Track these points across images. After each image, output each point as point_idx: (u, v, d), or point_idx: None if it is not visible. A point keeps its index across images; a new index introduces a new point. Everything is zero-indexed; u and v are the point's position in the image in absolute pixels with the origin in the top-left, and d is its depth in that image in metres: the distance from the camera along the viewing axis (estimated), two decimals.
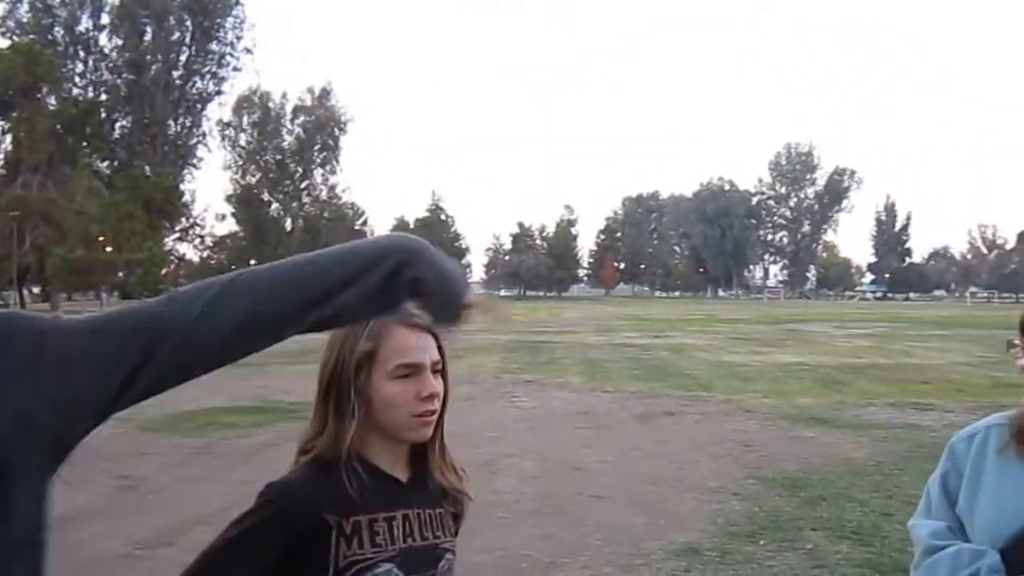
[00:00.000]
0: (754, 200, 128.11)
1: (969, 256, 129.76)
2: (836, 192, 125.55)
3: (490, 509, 6.40)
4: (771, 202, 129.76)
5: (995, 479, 1.44)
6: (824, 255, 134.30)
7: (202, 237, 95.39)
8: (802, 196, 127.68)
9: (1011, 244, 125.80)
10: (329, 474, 1.36)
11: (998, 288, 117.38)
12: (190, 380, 0.99)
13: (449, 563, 1.45)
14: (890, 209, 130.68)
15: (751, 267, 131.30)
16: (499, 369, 17.02)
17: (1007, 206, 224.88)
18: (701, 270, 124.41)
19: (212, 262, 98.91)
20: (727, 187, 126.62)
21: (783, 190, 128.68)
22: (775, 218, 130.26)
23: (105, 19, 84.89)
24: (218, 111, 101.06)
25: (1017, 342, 1.52)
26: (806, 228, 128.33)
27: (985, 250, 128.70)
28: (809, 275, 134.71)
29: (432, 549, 1.41)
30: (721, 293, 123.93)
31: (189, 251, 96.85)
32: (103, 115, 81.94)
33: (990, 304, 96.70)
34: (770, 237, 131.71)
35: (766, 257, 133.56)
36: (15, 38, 76.91)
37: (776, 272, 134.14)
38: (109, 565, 5.21)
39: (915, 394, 12.98)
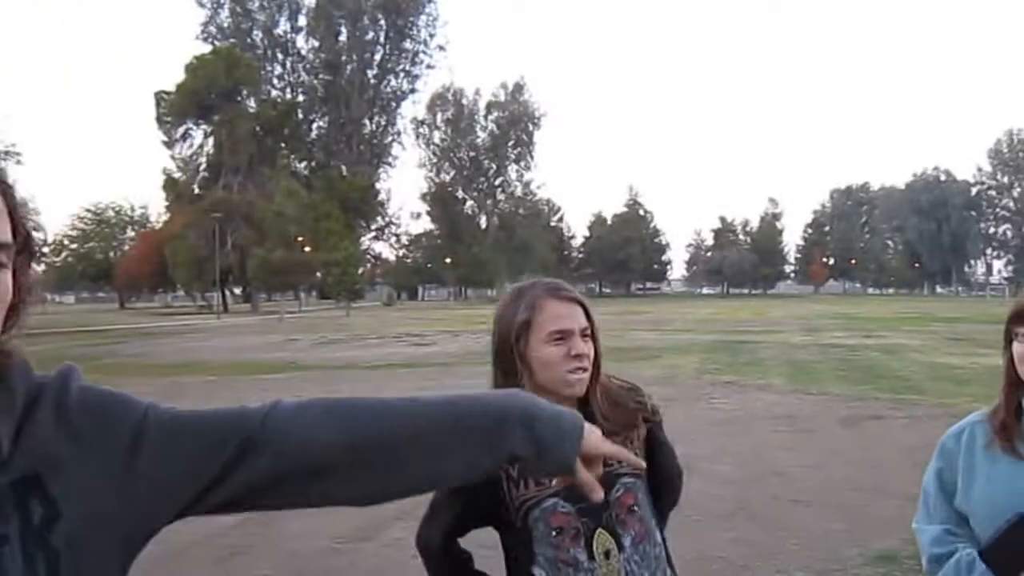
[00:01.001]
0: (973, 191, 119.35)
1: None
2: None
3: (683, 511, 6.56)
4: (992, 192, 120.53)
5: (986, 473, 1.61)
6: None
7: (397, 236, 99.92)
8: None
9: None
10: None
11: None
12: (286, 497, 0.99)
13: (626, 487, 1.72)
14: None
15: (971, 262, 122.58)
16: (698, 370, 16.97)
17: None
18: (916, 265, 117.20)
19: (408, 260, 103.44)
20: (943, 177, 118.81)
21: (1005, 179, 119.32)
22: (997, 210, 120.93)
23: (302, 21, 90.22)
24: (412, 109, 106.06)
25: (1019, 331, 1.64)
26: None
27: None
28: None
29: (605, 476, 1.56)
30: (939, 290, 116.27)
31: (385, 250, 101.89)
32: (300, 116, 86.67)
33: None
34: (992, 230, 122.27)
35: (988, 252, 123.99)
36: (216, 43, 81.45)
37: (1000, 268, 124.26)
38: (314, 559, 5.69)
39: None
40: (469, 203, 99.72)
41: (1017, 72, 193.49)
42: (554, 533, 1.68)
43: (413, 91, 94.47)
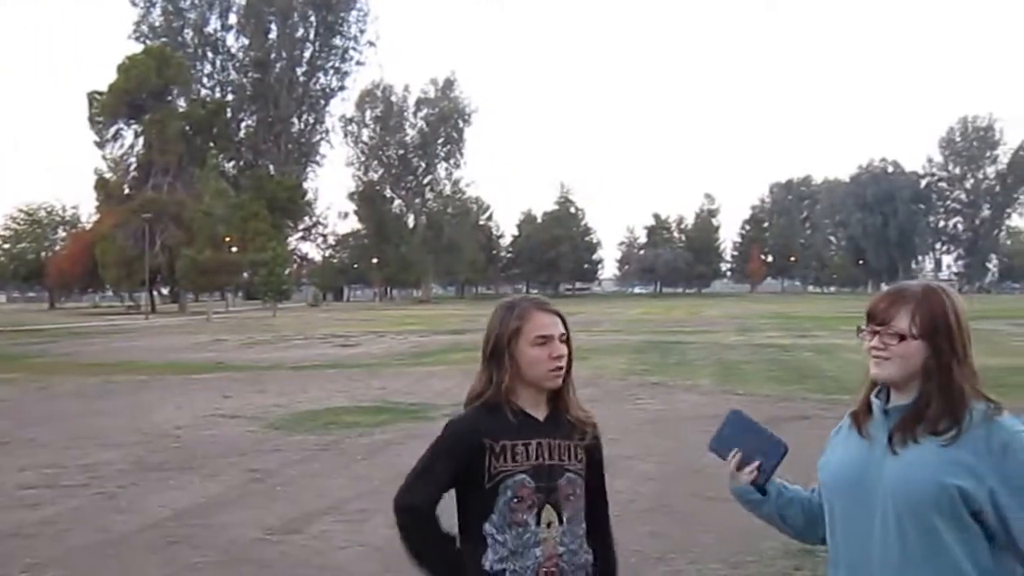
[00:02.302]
0: (922, 183, 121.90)
1: None
2: (1022, 171, 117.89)
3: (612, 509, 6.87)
4: (943, 184, 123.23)
5: (839, 448, 1.99)
6: (1008, 243, 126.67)
7: (324, 236, 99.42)
8: (980, 177, 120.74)
9: None
10: (490, 412, 2.22)
11: None
12: None
13: (569, 479, 2.22)
14: None
15: (919, 258, 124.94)
16: (625, 371, 17.37)
17: None
18: (860, 262, 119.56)
19: (334, 261, 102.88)
20: (890, 169, 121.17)
21: (957, 171, 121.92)
22: (948, 202, 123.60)
23: (233, 19, 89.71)
24: (341, 107, 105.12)
25: (864, 329, 1.90)
26: (985, 213, 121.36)
27: None
28: (990, 266, 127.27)
29: (558, 467, 2.20)
30: (884, 287, 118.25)
31: (311, 250, 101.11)
32: (229, 115, 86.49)
33: None
34: (942, 224, 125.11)
35: (937, 247, 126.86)
36: (148, 42, 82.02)
37: (949, 263, 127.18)
38: (246, 548, 6.02)
39: None
40: (397, 202, 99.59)
41: (970, 60, 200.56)
42: (515, 500, 2.17)
43: (342, 88, 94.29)
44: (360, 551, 5.87)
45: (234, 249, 69.18)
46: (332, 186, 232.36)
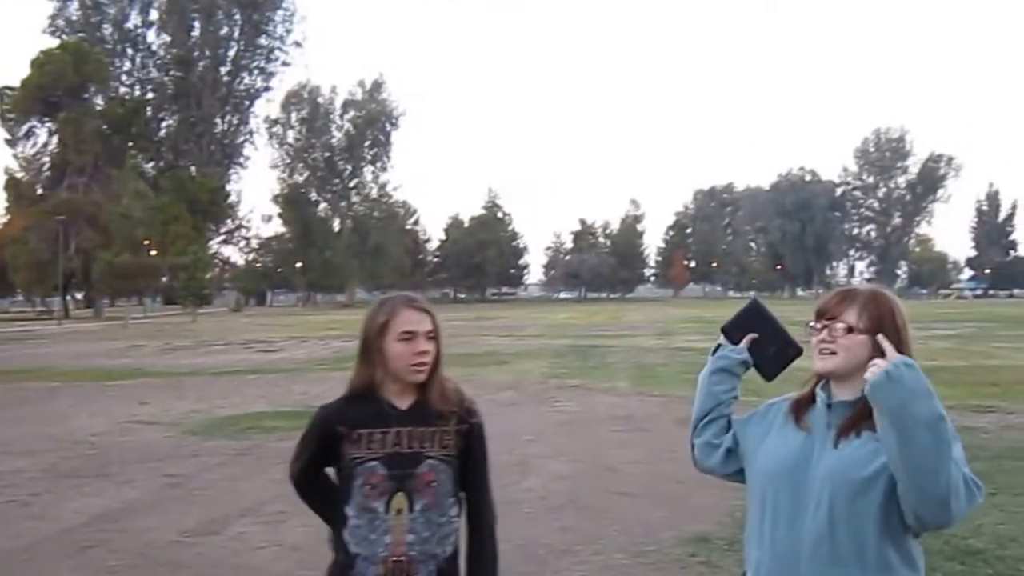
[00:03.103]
0: (838, 191, 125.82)
1: None
2: (931, 181, 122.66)
3: (517, 506, 7.10)
4: (857, 193, 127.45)
5: (777, 432, 2.11)
6: (917, 250, 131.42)
7: (247, 239, 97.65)
8: (892, 186, 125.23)
9: None
10: (354, 402, 2.35)
11: None
12: None
13: (431, 467, 2.31)
14: (992, 198, 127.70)
15: (834, 264, 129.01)
16: (546, 374, 17.63)
17: None
18: (779, 268, 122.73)
19: (257, 265, 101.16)
20: (808, 178, 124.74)
21: (871, 180, 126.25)
22: (862, 210, 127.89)
23: (154, 15, 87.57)
24: (266, 108, 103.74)
25: (813, 324, 2.05)
26: (896, 220, 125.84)
27: None
28: (900, 272, 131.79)
29: (417, 455, 2.31)
30: (800, 292, 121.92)
31: (234, 254, 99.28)
32: (149, 114, 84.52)
33: None
34: (856, 231, 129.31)
35: (851, 253, 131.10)
36: (64, 36, 79.32)
37: (863, 269, 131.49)
38: (162, 550, 6.08)
39: (980, 396, 13.23)
40: (323, 205, 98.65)
41: (884, 72, 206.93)
42: (368, 487, 2.28)
43: (267, 89, 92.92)
44: (277, 550, 5.98)
45: (153, 252, 67.71)
46: (256, 188, 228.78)
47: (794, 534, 1.96)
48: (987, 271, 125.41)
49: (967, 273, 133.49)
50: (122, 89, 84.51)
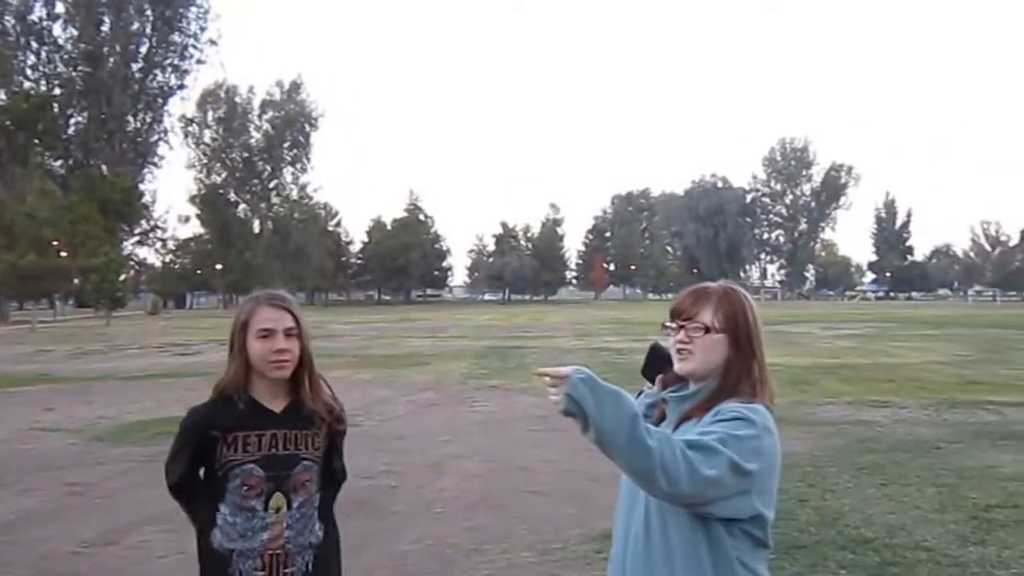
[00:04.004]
0: (748, 197, 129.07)
1: (972, 254, 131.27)
2: (833, 189, 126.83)
3: (429, 506, 7.09)
4: (766, 199, 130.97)
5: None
6: (822, 254, 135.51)
7: (163, 240, 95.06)
8: (798, 193, 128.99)
9: (1015, 241, 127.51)
10: (225, 403, 2.35)
11: (1002, 286, 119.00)
12: None
13: (305, 467, 2.37)
14: (890, 206, 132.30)
15: (747, 267, 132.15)
16: (465, 375, 17.62)
17: (1011, 203, 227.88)
18: (695, 271, 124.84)
19: (175, 267, 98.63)
20: (720, 184, 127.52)
21: (778, 187, 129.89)
22: (771, 216, 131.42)
23: (60, 7, 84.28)
24: (181, 106, 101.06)
25: (669, 324, 2.04)
26: (803, 226, 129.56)
27: (988, 248, 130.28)
28: (808, 275, 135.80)
29: (292, 457, 2.35)
30: None
31: (150, 255, 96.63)
32: (56, 110, 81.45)
33: (993, 303, 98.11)
34: (766, 236, 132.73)
35: (762, 256, 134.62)
36: None
37: (773, 272, 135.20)
38: (58, 561, 5.81)
39: (877, 392, 13.71)
40: (242, 206, 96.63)
41: (791, 82, 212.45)
42: (245, 488, 2.31)
43: (182, 87, 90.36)
44: (179, 559, 5.78)
45: (63, 254, 65.11)
46: (173, 188, 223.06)
47: (623, 531, 2.03)
48: (887, 274, 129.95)
49: (869, 276, 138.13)
50: (27, 84, 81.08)
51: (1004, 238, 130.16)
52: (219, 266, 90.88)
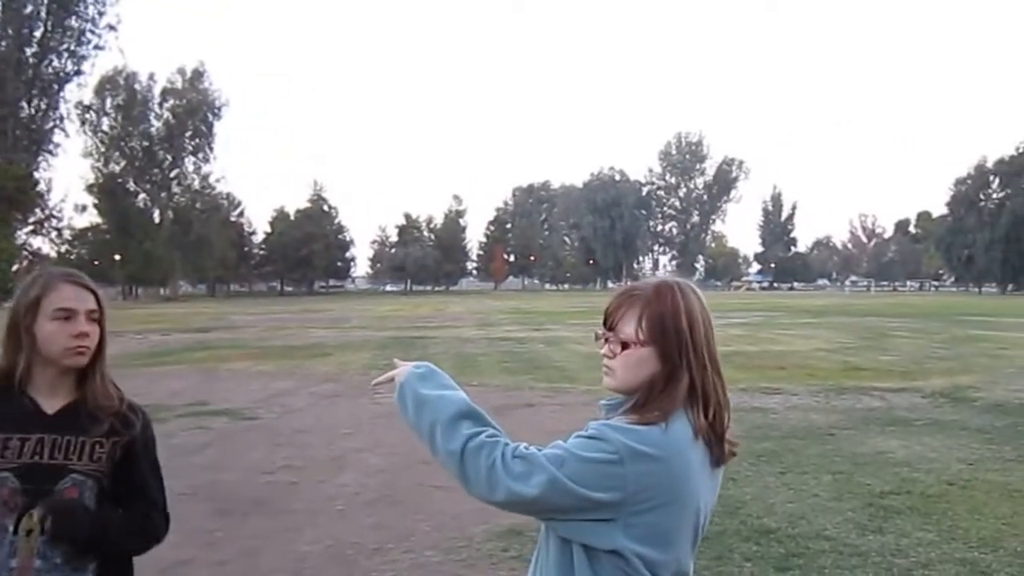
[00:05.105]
0: (644, 190, 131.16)
1: (850, 245, 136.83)
2: (724, 182, 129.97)
3: (330, 502, 6.71)
4: (661, 192, 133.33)
5: None
6: (712, 245, 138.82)
7: (59, 230, 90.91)
8: (691, 186, 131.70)
9: (889, 233, 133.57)
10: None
11: (876, 277, 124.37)
12: None
13: (76, 482, 1.90)
14: (776, 199, 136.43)
15: (641, 258, 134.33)
16: (367, 366, 17.14)
17: (886, 196, 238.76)
18: (591, 262, 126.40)
19: (71, 257, 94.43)
20: (618, 177, 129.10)
21: (673, 180, 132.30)
22: (665, 208, 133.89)
23: None
24: (78, 93, 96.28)
25: (600, 332, 1.72)
26: (695, 218, 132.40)
27: (865, 240, 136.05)
28: (698, 265, 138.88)
29: (59, 468, 1.89)
30: (611, 285, 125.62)
31: (45, 245, 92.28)
32: None
33: (868, 293, 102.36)
34: (660, 228, 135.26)
35: (656, 248, 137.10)
36: None
37: (666, 263, 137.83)
38: None
39: (768, 379, 13.87)
40: (141, 196, 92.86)
41: (686, 78, 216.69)
42: None
43: (79, 73, 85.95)
44: None
45: None
46: (69, 177, 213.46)
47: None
48: (772, 265, 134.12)
49: (755, 267, 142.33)
50: None
51: (880, 230, 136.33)
52: (118, 256, 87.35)
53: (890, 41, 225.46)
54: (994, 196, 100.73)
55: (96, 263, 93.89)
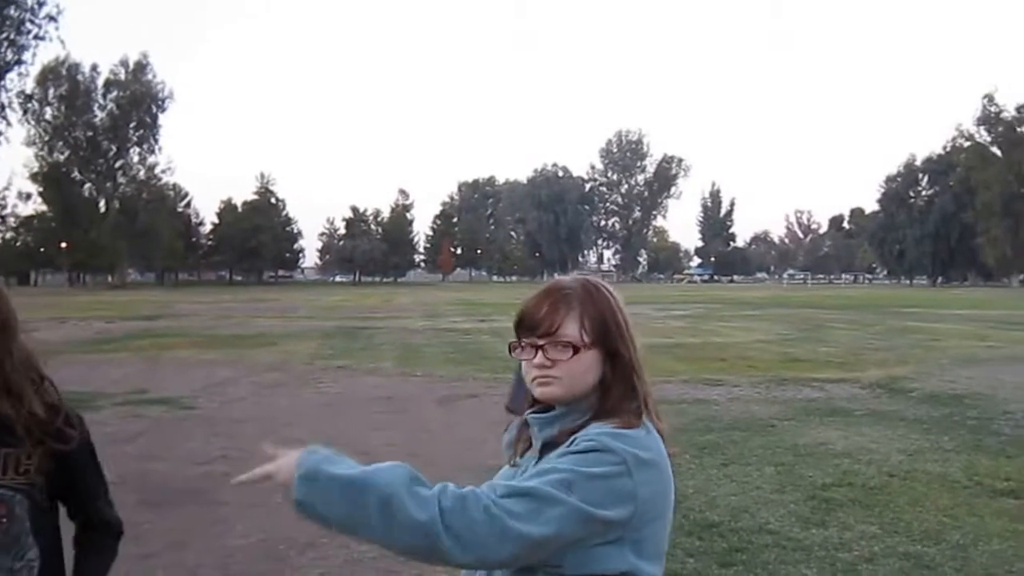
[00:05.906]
0: (587, 186, 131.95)
1: (787, 240, 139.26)
2: (665, 179, 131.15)
3: (266, 496, 6.30)
4: (603, 188, 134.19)
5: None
6: (654, 240, 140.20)
7: (3, 218, 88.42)
8: (633, 183, 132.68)
9: (824, 229, 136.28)
10: None
11: (812, 270, 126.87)
12: None
13: (2, 496, 1.62)
14: (715, 195, 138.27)
15: (585, 252, 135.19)
16: (312, 355, 16.74)
17: (822, 192, 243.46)
18: (537, 255, 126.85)
19: (17, 244, 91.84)
20: (561, 174, 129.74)
21: (615, 177, 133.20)
22: (607, 204, 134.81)
23: None
24: (19, 83, 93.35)
25: (521, 343, 1.49)
26: (637, 214, 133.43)
27: (801, 235, 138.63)
28: (640, 259, 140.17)
29: None
30: (558, 276, 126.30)
31: None
32: None
33: (805, 286, 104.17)
34: (603, 223, 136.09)
35: (599, 242, 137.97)
36: None
37: (609, 257, 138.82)
38: None
39: (710, 371, 13.77)
40: (87, 185, 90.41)
41: (626, 76, 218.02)
42: None
43: (20, 63, 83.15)
44: None
45: None
46: (13, 165, 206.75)
47: None
48: (712, 259, 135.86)
49: (696, 261, 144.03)
50: None
51: (815, 226, 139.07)
52: (64, 245, 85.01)
53: (824, 41, 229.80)
54: (923, 193, 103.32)
55: (42, 250, 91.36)
